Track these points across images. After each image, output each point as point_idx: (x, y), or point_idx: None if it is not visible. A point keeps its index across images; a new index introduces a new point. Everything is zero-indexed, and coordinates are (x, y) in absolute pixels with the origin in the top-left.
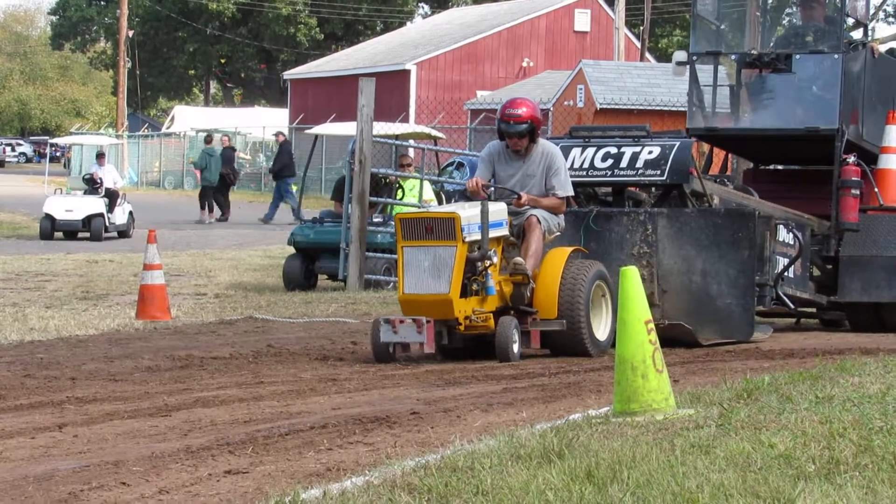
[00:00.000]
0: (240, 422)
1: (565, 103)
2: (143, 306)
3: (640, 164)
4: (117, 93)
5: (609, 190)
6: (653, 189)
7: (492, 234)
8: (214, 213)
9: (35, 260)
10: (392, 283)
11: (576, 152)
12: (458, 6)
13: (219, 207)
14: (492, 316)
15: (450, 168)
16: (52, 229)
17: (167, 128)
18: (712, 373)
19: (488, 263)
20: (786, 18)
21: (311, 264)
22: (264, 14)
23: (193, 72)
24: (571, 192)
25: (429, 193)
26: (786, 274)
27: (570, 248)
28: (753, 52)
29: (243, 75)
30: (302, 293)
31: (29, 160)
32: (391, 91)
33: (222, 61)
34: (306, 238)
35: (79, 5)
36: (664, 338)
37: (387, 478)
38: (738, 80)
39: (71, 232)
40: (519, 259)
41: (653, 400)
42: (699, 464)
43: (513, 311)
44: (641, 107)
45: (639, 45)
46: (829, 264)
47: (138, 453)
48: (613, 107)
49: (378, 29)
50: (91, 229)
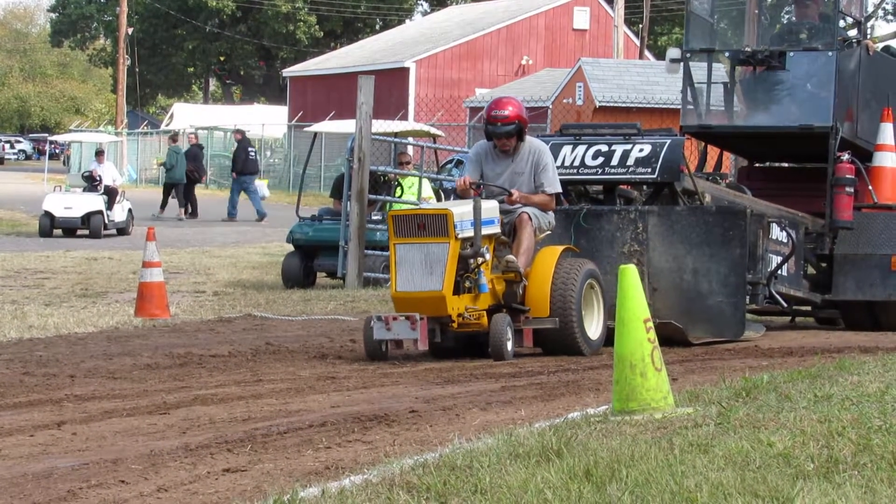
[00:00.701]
0: (238, 420)
1: (564, 101)
2: (142, 304)
3: (630, 161)
4: (116, 90)
5: (600, 188)
6: (644, 187)
7: (484, 231)
8: (168, 209)
9: (34, 257)
10: None
11: (566, 150)
12: (457, 4)
13: (190, 204)
14: (485, 314)
15: (449, 166)
16: (51, 227)
17: (166, 125)
18: (711, 371)
19: (481, 261)
20: (785, 17)
21: (309, 262)
22: (264, 11)
23: (193, 69)
24: (559, 189)
25: (427, 191)
26: (779, 272)
27: (561, 247)
28: (747, 49)
29: (242, 73)
30: (301, 291)
31: (28, 157)
32: (390, 89)
33: (221, 59)
34: (305, 236)
35: (78, 3)
36: None
37: (385, 476)
38: (732, 77)
39: (70, 229)
40: (511, 257)
41: (651, 398)
42: (698, 462)
43: (505, 310)
44: (640, 105)
45: (638, 42)
46: (823, 262)
47: (137, 451)
48: (612, 105)
49: (377, 26)
50: (90, 227)
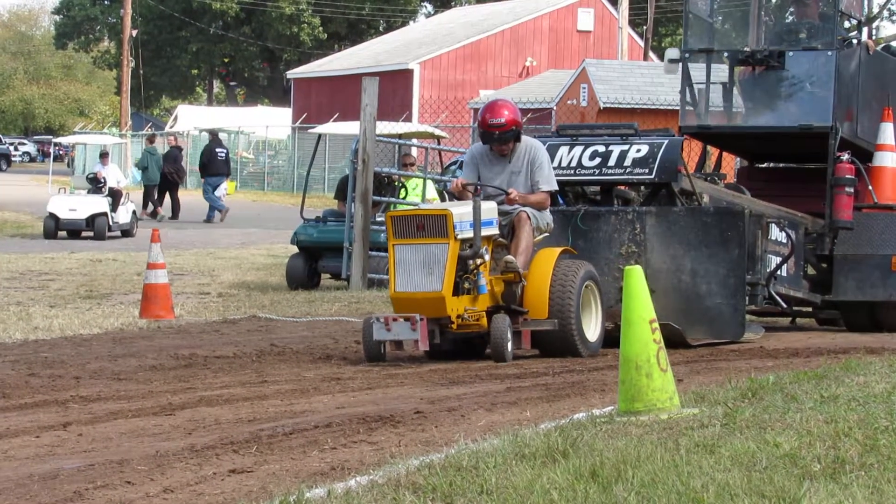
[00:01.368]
0: (244, 421)
1: (569, 102)
2: (147, 305)
3: (628, 162)
4: (121, 92)
5: (597, 189)
6: (641, 188)
7: (483, 232)
8: (149, 209)
9: (39, 259)
10: None
11: (563, 151)
12: (461, 5)
13: (173, 206)
14: (484, 315)
15: (453, 167)
16: (55, 228)
17: (170, 127)
18: (716, 372)
19: (480, 262)
20: (789, 17)
21: (314, 263)
22: (268, 13)
23: (197, 71)
24: (555, 187)
25: (432, 192)
26: (779, 273)
27: (559, 249)
28: (746, 49)
29: (246, 74)
30: (305, 292)
31: (33, 160)
32: (394, 90)
33: (225, 60)
34: (310, 237)
35: (82, 5)
36: None
37: (391, 477)
38: (731, 77)
39: (75, 231)
40: (510, 257)
41: (657, 399)
42: (704, 463)
43: (504, 311)
44: (645, 106)
45: (642, 44)
46: (823, 263)
47: (143, 452)
48: (617, 106)
49: (381, 28)
50: (94, 228)
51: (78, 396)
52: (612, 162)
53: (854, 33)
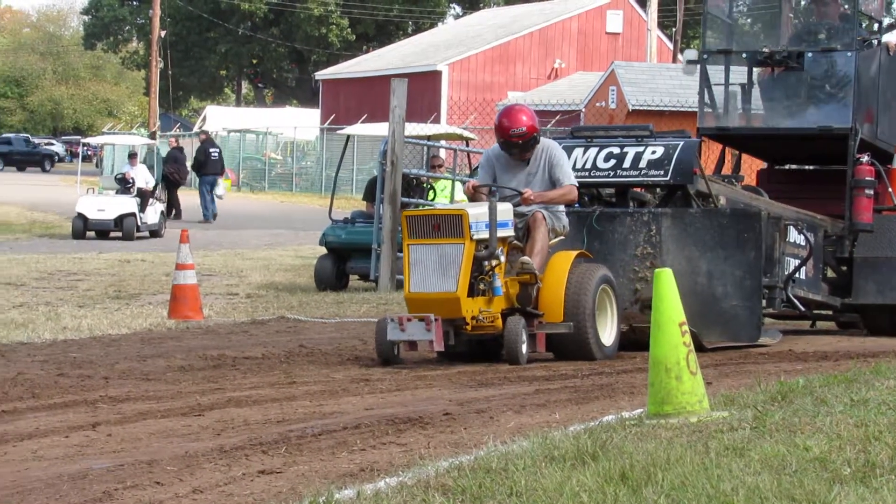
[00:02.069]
0: (273, 422)
1: (597, 104)
2: (176, 306)
3: (643, 164)
4: (149, 93)
5: (613, 190)
6: (657, 189)
7: (498, 234)
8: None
9: (67, 259)
10: None
11: (578, 152)
12: (489, 7)
13: (173, 206)
14: (499, 316)
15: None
16: (84, 229)
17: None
18: (745, 375)
19: (495, 263)
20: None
21: (342, 265)
22: (296, 14)
23: (225, 72)
24: (576, 182)
25: (460, 194)
26: (797, 276)
27: (574, 252)
28: (765, 50)
29: (275, 76)
30: (333, 293)
31: (61, 160)
32: (423, 92)
33: (254, 62)
34: (338, 238)
35: (111, 5)
36: None
37: (420, 478)
38: (750, 78)
39: (103, 231)
40: (526, 258)
41: (687, 402)
42: (734, 466)
43: (518, 313)
44: (674, 108)
45: (671, 46)
46: (843, 265)
47: (172, 453)
48: (646, 108)
49: (409, 30)
50: (123, 229)
51: (107, 396)
52: (627, 164)
53: (875, 34)
